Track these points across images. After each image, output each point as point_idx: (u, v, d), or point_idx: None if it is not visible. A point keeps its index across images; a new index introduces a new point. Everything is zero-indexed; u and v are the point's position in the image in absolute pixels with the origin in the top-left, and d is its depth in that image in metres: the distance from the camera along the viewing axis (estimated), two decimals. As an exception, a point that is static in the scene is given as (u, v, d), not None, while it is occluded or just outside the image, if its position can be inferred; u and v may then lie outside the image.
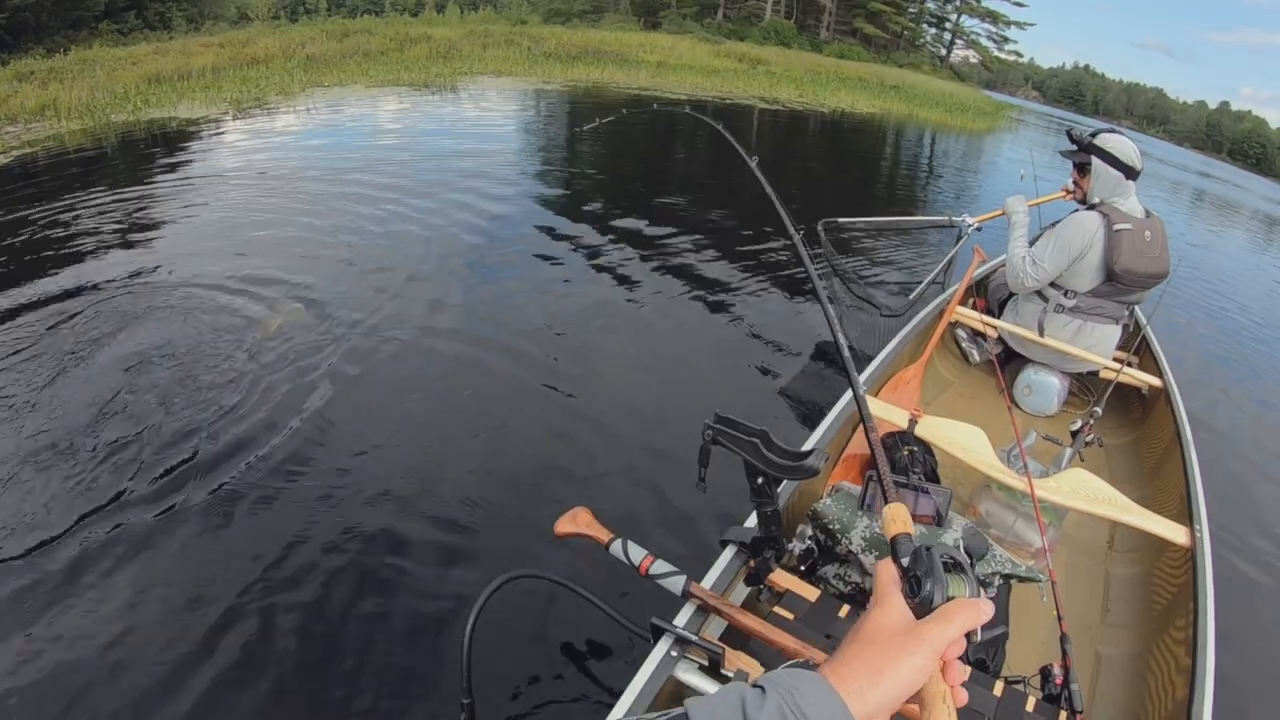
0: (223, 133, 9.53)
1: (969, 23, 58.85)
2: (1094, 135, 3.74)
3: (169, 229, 5.93)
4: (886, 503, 1.08)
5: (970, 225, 4.85)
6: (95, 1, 26.77)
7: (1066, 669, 1.78)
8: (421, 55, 19.22)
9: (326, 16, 62.73)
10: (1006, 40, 59.35)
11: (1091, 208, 3.67)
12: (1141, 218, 3.63)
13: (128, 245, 5.50)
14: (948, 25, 59.70)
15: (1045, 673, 1.80)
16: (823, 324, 5.00)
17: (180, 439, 3.31)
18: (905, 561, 0.99)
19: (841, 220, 5.18)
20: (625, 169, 10.58)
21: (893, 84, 33.04)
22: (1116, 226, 3.52)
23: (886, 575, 0.96)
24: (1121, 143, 3.66)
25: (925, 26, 59.30)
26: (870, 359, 3.48)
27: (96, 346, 4.00)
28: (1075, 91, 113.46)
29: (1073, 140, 3.83)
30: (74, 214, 6.05)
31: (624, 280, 5.69)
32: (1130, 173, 3.62)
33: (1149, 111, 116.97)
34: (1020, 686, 1.87)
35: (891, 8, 51.81)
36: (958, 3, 57.97)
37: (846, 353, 1.62)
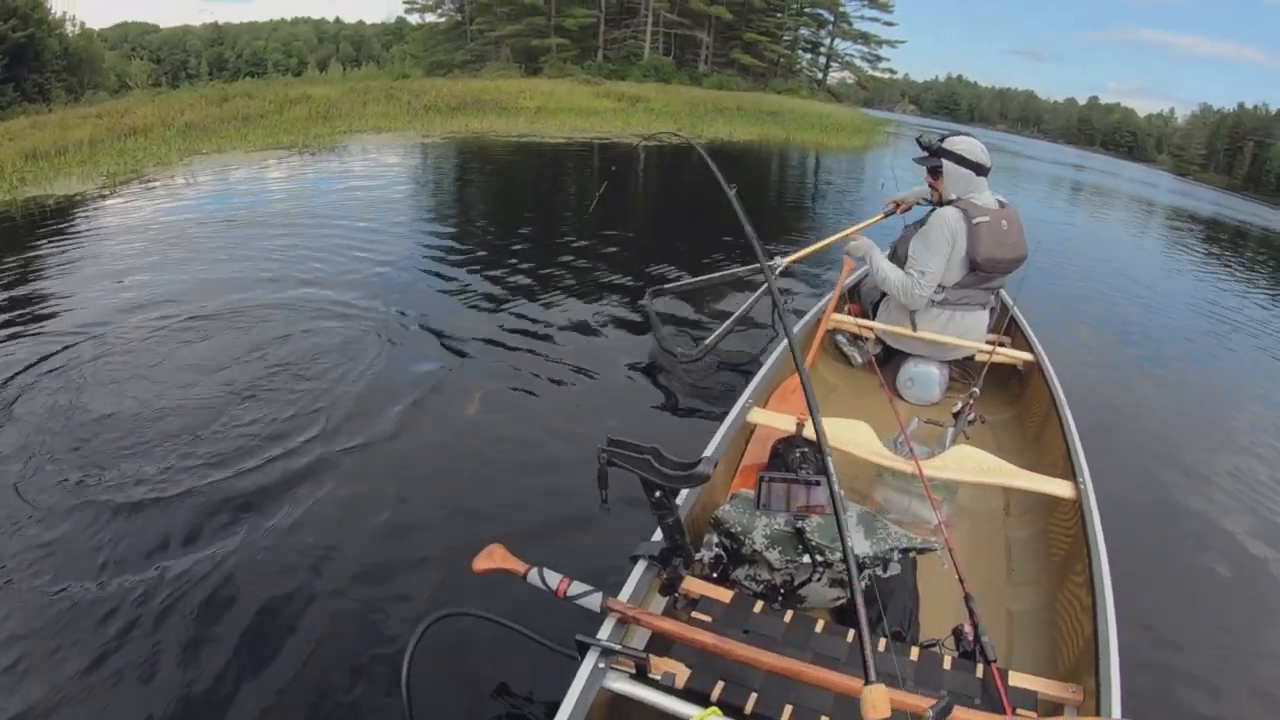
0: (98, 210, 9.39)
1: (842, 45, 60.50)
2: (942, 140, 3.93)
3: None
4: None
5: (779, 267, 4.92)
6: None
7: (975, 625, 1.93)
8: (301, 116, 19.14)
9: (208, 81, 61.84)
10: (880, 59, 61.20)
11: (949, 204, 3.84)
12: (996, 208, 3.82)
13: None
14: (822, 49, 61.29)
15: (958, 633, 1.96)
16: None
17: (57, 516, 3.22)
18: None
19: (666, 286, 5.48)
20: (501, 212, 10.81)
21: (771, 110, 33.91)
22: (975, 219, 3.70)
23: None
24: (969, 143, 3.85)
25: (801, 52, 61.06)
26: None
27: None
28: (951, 101, 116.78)
29: (923, 147, 4.01)
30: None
31: (509, 319, 5.80)
32: (980, 169, 3.81)
33: (1022, 114, 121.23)
34: (935, 649, 2.04)
35: (767, 37, 53.36)
36: (830, 27, 59.68)
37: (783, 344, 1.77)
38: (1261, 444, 5.73)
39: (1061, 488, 2.69)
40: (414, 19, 59.68)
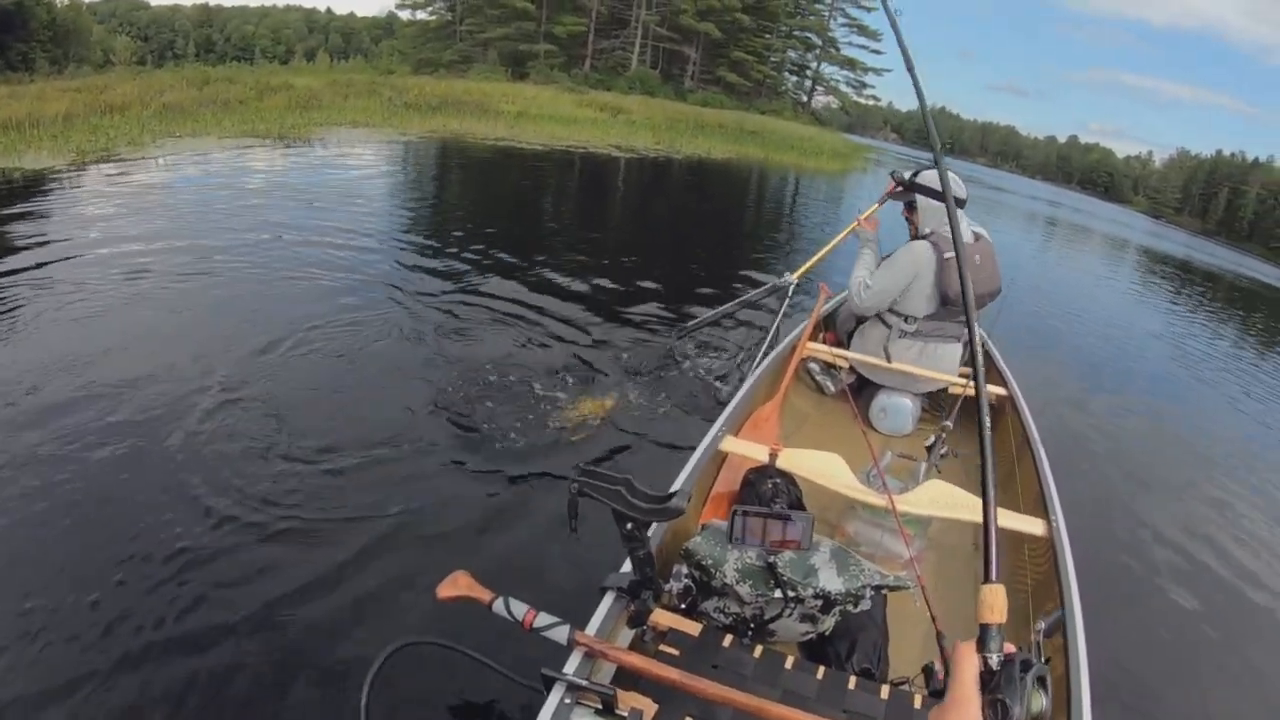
0: (64, 187, 9.19)
1: (828, 70, 61.69)
2: (915, 175, 3.95)
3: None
4: (987, 576, 1.15)
5: (791, 283, 5.03)
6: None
7: (946, 663, 1.78)
8: (280, 105, 18.97)
9: (194, 62, 61.46)
10: (865, 86, 62.28)
11: (924, 238, 3.83)
12: (970, 241, 3.78)
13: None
14: (808, 72, 62.45)
15: (928, 671, 1.82)
16: (678, 372, 5.26)
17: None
18: (992, 660, 1.03)
19: (689, 324, 5.51)
20: (468, 219, 10.67)
21: (752, 129, 34.29)
22: (946, 253, 3.68)
23: (969, 671, 1.02)
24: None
25: (787, 74, 62.25)
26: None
27: None
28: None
29: (897, 182, 4.08)
30: None
31: (482, 340, 5.54)
32: (956, 203, 3.67)
33: (1002, 148, 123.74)
34: (906, 687, 2.00)
35: (754, 57, 53.92)
36: (818, 51, 60.50)
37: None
38: (1231, 481, 5.88)
39: (1034, 525, 2.69)
40: (405, 15, 59.64)
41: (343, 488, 3.53)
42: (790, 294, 5.23)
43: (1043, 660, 1.07)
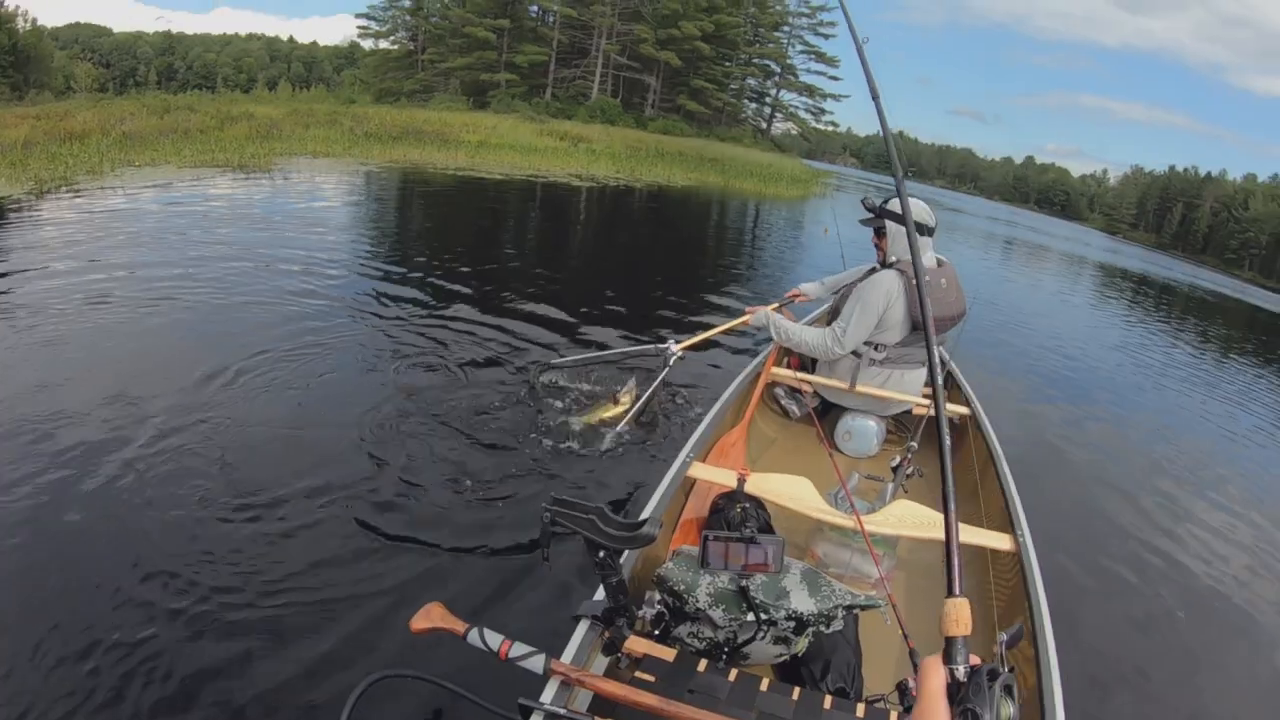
0: (22, 216, 9.03)
1: (788, 97, 62.46)
2: (885, 202, 3.96)
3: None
4: (951, 590, 1.19)
5: (674, 354, 4.87)
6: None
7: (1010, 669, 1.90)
8: (240, 134, 18.88)
9: (156, 90, 61.18)
10: (824, 112, 63.06)
11: (890, 266, 3.89)
12: (935, 267, 3.89)
13: None
14: (768, 99, 63.10)
15: (902, 688, 1.86)
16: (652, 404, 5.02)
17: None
18: (959, 672, 1.05)
19: (553, 361, 5.31)
20: (427, 249, 10.63)
21: (712, 157, 34.65)
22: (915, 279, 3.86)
23: (935, 683, 1.03)
24: (912, 204, 3.91)
25: (746, 101, 62.69)
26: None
27: None
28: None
29: (867, 208, 4.06)
30: None
31: (445, 370, 5.46)
32: (923, 230, 3.87)
33: (960, 170, 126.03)
34: (881, 704, 1.99)
35: (714, 85, 54.34)
36: (777, 78, 61.27)
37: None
38: (1192, 489, 6.08)
39: (1000, 540, 2.72)
40: (367, 44, 59.76)
41: (306, 523, 3.43)
42: (670, 366, 4.91)
43: (1007, 670, 1.10)
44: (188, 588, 2.92)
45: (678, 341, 4.94)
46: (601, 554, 1.84)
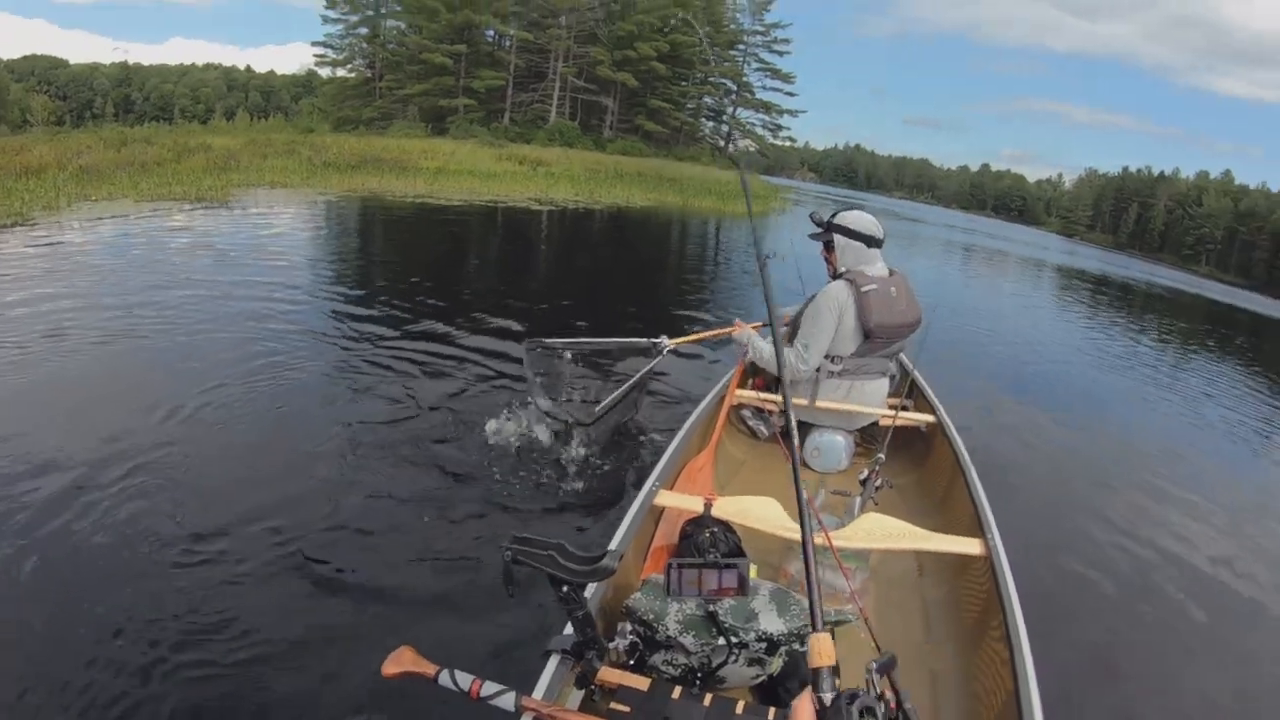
0: None
1: (744, 114, 63.20)
2: (833, 215, 4.02)
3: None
4: (814, 626, 1.27)
5: (665, 346, 4.90)
6: None
7: (896, 692, 1.69)
8: (198, 166, 18.72)
9: (113, 122, 60.78)
10: (781, 128, 64.22)
11: (840, 277, 3.91)
12: (886, 276, 3.89)
13: None
14: (725, 118, 63.98)
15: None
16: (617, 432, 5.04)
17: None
18: (826, 699, 1.12)
19: (547, 341, 5.15)
20: (386, 278, 10.65)
21: (670, 176, 34.77)
22: (864, 288, 3.76)
23: (805, 712, 1.10)
24: (859, 216, 3.97)
25: (704, 120, 63.46)
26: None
27: None
28: (849, 169, 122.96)
29: (815, 223, 4.10)
30: None
31: (406, 400, 5.40)
32: (871, 241, 3.90)
33: (917, 180, 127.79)
34: None
35: (671, 105, 55.03)
36: (734, 96, 61.98)
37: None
38: (1161, 483, 6.19)
39: (971, 546, 2.74)
40: (325, 73, 59.81)
41: (268, 567, 3.36)
42: (662, 356, 4.95)
43: (876, 695, 1.19)
44: (143, 639, 2.83)
45: (670, 338, 4.95)
46: (565, 589, 1.83)
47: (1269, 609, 4.47)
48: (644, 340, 5.05)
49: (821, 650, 1.25)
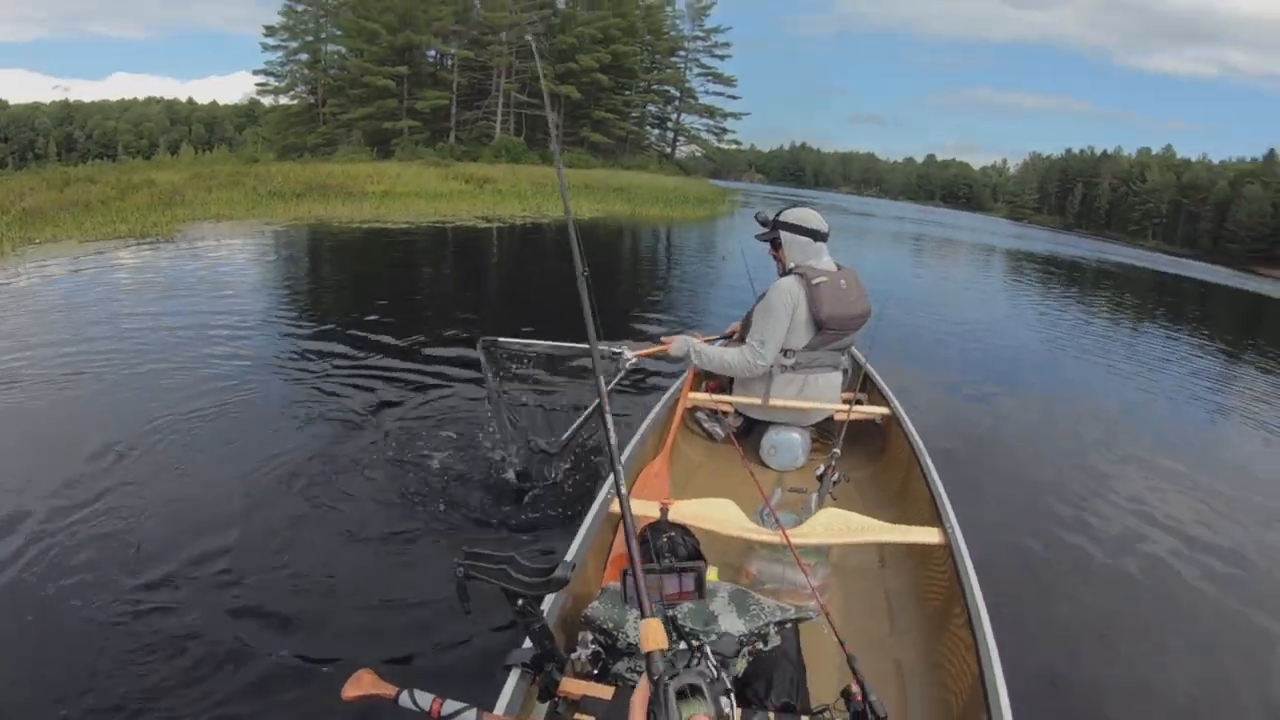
0: None
1: (689, 120, 64.02)
2: (778, 214, 4.07)
3: None
4: (643, 613, 1.30)
5: (628, 360, 4.64)
6: None
7: (861, 684, 1.81)
8: (142, 203, 18.59)
9: (56, 162, 60.08)
10: (725, 131, 64.82)
11: (790, 273, 3.96)
12: (835, 270, 3.94)
13: None
14: (670, 124, 64.57)
15: (847, 695, 1.82)
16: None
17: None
18: (656, 680, 1.16)
19: (501, 340, 4.81)
20: (332, 305, 10.72)
21: (618, 186, 35.02)
22: (814, 281, 3.81)
23: (639, 698, 1.15)
24: (803, 212, 4.02)
25: (649, 128, 64.00)
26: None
27: None
28: (796, 168, 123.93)
29: (761, 223, 4.14)
30: None
31: (356, 425, 5.43)
32: (816, 235, 3.96)
33: (864, 175, 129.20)
34: (826, 714, 1.96)
35: (615, 115, 55.78)
36: (677, 103, 62.69)
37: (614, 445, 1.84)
38: (1114, 455, 6.43)
39: (930, 535, 2.77)
40: (267, 101, 59.63)
41: (220, 601, 3.36)
42: (624, 370, 4.58)
43: (696, 671, 1.26)
44: (96, 681, 2.83)
45: (631, 348, 4.52)
46: (520, 602, 1.82)
47: (1226, 578, 4.53)
48: (604, 347, 4.45)
49: (649, 635, 1.32)
